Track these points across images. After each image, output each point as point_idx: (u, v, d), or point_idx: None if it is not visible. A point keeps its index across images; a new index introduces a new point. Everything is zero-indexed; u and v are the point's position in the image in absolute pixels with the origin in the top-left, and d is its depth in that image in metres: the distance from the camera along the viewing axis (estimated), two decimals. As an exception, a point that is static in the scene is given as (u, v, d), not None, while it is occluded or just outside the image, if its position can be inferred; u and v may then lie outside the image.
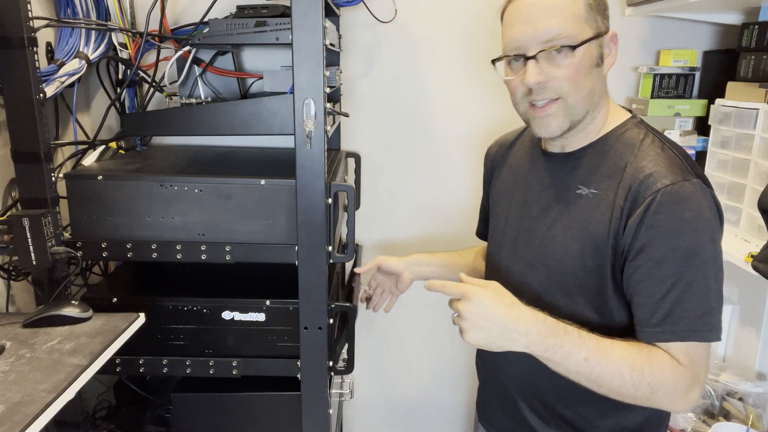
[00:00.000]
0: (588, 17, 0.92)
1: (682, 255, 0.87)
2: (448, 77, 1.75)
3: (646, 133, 0.97)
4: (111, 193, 1.22)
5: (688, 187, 0.88)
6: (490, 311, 0.89)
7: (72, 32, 1.37)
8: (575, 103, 0.94)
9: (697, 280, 0.87)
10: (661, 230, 0.88)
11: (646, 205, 0.88)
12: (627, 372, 0.87)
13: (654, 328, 0.89)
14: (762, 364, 1.47)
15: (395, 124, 1.78)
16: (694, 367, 0.88)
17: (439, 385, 2.01)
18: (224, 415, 1.33)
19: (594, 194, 0.96)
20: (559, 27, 0.90)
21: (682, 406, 0.91)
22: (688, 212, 0.87)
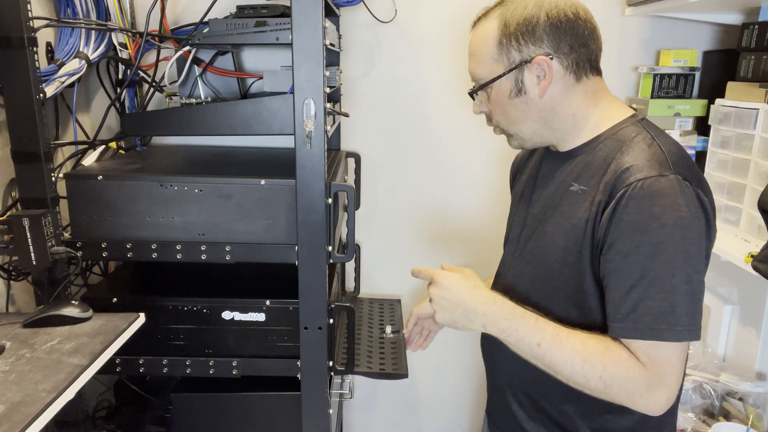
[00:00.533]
0: (498, 56, 0.97)
1: (648, 251, 0.86)
2: (448, 77, 1.75)
3: (640, 130, 0.96)
4: (111, 193, 1.22)
5: (663, 182, 0.86)
6: (453, 292, 1.00)
7: (72, 32, 1.37)
8: (509, 128, 1.03)
9: (662, 278, 0.86)
10: (629, 224, 0.87)
11: (617, 198, 0.88)
12: (578, 362, 0.90)
13: (618, 323, 0.89)
14: (762, 364, 1.47)
15: (395, 124, 1.78)
16: (656, 366, 0.87)
17: (439, 385, 2.01)
18: (224, 415, 1.33)
19: (582, 190, 0.96)
20: (474, 71, 1.02)
21: (645, 405, 0.89)
22: (657, 207, 0.85)
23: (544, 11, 0.94)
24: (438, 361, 1.99)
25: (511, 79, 0.97)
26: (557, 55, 0.95)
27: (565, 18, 0.94)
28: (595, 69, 0.99)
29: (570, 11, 0.94)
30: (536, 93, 0.97)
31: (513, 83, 0.97)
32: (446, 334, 1.94)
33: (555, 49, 0.95)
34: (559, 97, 0.98)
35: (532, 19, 0.94)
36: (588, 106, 0.99)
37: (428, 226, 1.87)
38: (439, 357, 1.98)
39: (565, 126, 1.00)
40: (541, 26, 0.94)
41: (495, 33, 0.96)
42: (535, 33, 0.94)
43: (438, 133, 1.79)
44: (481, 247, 1.87)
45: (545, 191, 1.05)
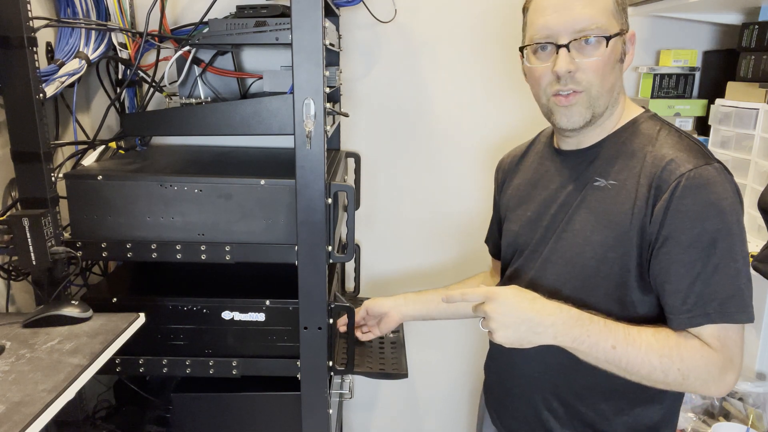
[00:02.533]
0: (616, 13, 0.95)
1: (709, 238, 0.87)
2: (448, 77, 1.75)
3: (662, 125, 0.99)
4: (111, 193, 1.22)
5: (711, 171, 0.89)
6: (515, 307, 0.91)
7: (72, 32, 1.37)
8: (598, 96, 0.96)
9: (725, 263, 0.87)
10: (688, 214, 0.88)
11: (671, 190, 0.89)
12: (656, 359, 0.89)
13: (686, 313, 0.89)
14: (762, 364, 1.47)
15: (395, 124, 1.78)
16: (727, 350, 0.88)
17: (439, 385, 2.01)
18: (224, 415, 1.33)
19: (613, 185, 0.96)
20: (592, 18, 0.92)
21: (717, 390, 0.90)
22: (713, 195, 0.87)
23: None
24: (438, 361, 1.99)
25: (621, 42, 0.97)
26: None
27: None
28: None
29: None
30: (625, 64, 0.99)
31: (621, 46, 0.97)
32: (446, 335, 1.95)
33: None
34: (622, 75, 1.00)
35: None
36: (621, 94, 1.01)
37: (428, 226, 1.87)
38: (439, 357, 1.98)
39: (609, 110, 0.99)
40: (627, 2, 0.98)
41: None
42: (626, 6, 0.98)
43: (438, 133, 1.79)
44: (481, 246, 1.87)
45: (562, 190, 1.04)
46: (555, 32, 0.94)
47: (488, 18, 1.69)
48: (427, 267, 1.90)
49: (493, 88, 1.74)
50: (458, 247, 1.89)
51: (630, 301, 0.96)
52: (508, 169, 1.22)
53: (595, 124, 0.99)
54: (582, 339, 0.90)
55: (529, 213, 1.10)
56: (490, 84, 1.73)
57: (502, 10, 1.67)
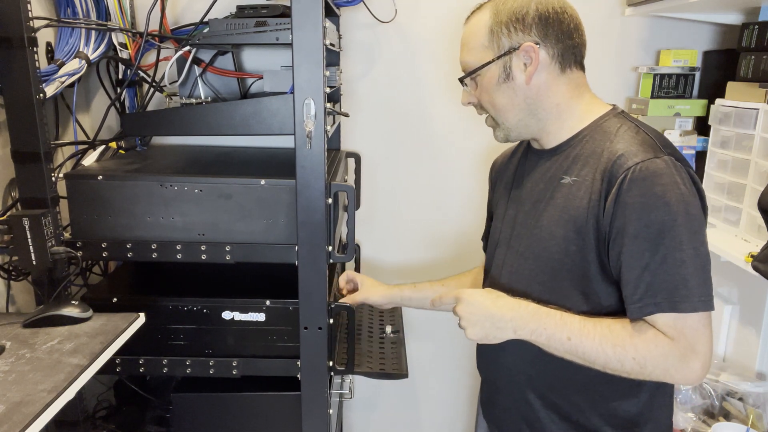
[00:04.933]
0: (489, 43, 1.02)
1: (655, 230, 0.90)
2: (448, 77, 1.74)
3: (623, 121, 1.01)
4: (111, 193, 1.22)
5: (659, 163, 0.91)
6: (479, 306, 1.01)
7: (72, 32, 1.37)
8: (497, 116, 1.06)
9: (672, 253, 0.89)
10: (634, 206, 0.90)
11: (618, 183, 0.92)
12: (609, 348, 0.93)
13: (637, 302, 0.92)
14: (762, 364, 1.47)
15: (395, 124, 1.78)
16: (684, 339, 0.90)
17: (439, 384, 2.01)
18: (224, 415, 1.33)
19: (575, 181, 1.00)
20: (465, 59, 1.07)
21: (683, 378, 0.92)
22: (658, 187, 0.90)
23: (534, 3, 1.00)
24: (438, 361, 1.99)
25: (500, 65, 1.02)
26: (544, 44, 1.00)
27: (553, 11, 1.00)
28: (578, 63, 1.05)
29: (558, 6, 1.01)
30: (523, 79, 1.01)
31: (501, 69, 1.02)
32: (446, 334, 1.95)
33: (542, 38, 1.00)
34: (544, 86, 1.02)
35: (522, 10, 1.00)
36: (572, 98, 1.04)
37: (428, 226, 1.87)
38: (438, 357, 1.98)
39: (550, 116, 1.04)
40: (530, 16, 1.00)
41: (487, 22, 1.02)
42: (524, 22, 1.00)
43: (438, 132, 1.79)
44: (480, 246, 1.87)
45: (534, 188, 1.08)
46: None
47: (488, 18, 1.69)
48: (426, 267, 1.90)
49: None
50: (458, 246, 1.89)
51: (594, 293, 0.99)
52: (499, 169, 1.26)
53: (542, 129, 1.05)
54: (539, 332, 0.97)
55: (509, 210, 1.14)
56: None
57: (502, 10, 1.67)
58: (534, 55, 1.00)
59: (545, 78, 1.02)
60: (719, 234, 1.41)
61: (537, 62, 1.00)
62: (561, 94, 1.03)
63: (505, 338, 0.99)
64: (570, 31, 1.01)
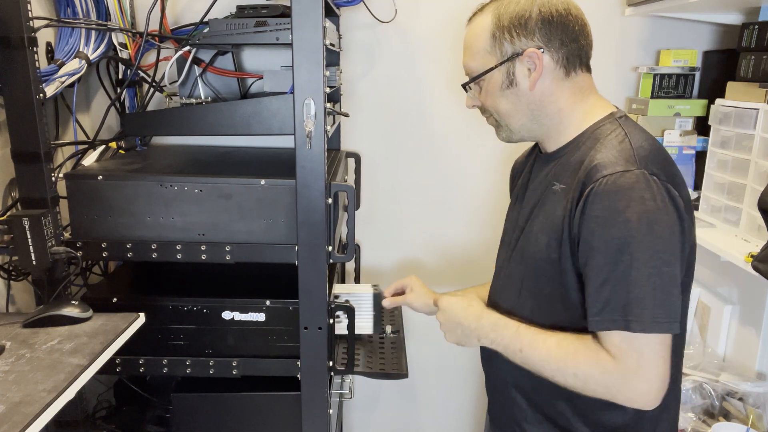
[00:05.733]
0: (491, 48, 1.00)
1: (615, 245, 0.88)
2: (448, 77, 1.75)
3: (616, 127, 0.98)
4: (111, 193, 1.22)
5: (628, 176, 0.88)
6: (452, 314, 1.09)
7: (72, 32, 1.37)
8: (501, 119, 1.05)
9: (629, 271, 0.87)
10: (597, 220, 0.89)
11: (585, 195, 0.90)
12: (553, 363, 0.94)
13: (595, 316, 0.90)
14: (762, 364, 1.47)
15: (395, 124, 1.78)
16: (629, 359, 0.88)
17: (439, 384, 2.01)
18: (224, 415, 1.33)
19: (561, 189, 0.99)
20: (467, 64, 1.05)
21: (628, 399, 0.90)
22: (621, 202, 0.87)
23: (537, 6, 0.97)
24: (438, 361, 1.99)
25: (503, 71, 1.00)
26: (548, 49, 0.98)
27: (557, 13, 0.97)
28: (584, 66, 1.02)
29: (561, 7, 0.98)
30: (526, 85, 1.00)
31: (505, 75, 1.01)
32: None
33: (546, 43, 0.98)
34: (548, 91, 1.00)
35: (525, 14, 0.97)
36: (575, 102, 1.02)
37: (428, 226, 1.87)
38: (439, 357, 1.98)
39: (552, 121, 1.02)
40: (533, 20, 0.97)
41: (489, 26, 1.00)
42: (527, 26, 0.97)
43: (438, 133, 1.79)
44: (480, 247, 1.87)
45: (534, 192, 1.08)
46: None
47: (488, 18, 1.69)
48: (427, 267, 1.90)
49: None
50: (458, 246, 1.89)
51: (572, 302, 0.97)
52: (517, 169, 1.25)
53: (542, 134, 1.05)
54: (498, 342, 1.02)
55: (513, 212, 1.15)
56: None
57: (502, 10, 1.67)
58: (538, 61, 0.97)
59: (549, 83, 1.00)
60: (719, 234, 1.41)
61: (541, 68, 0.98)
62: (564, 99, 1.01)
63: (473, 345, 1.07)
64: (575, 33, 0.98)
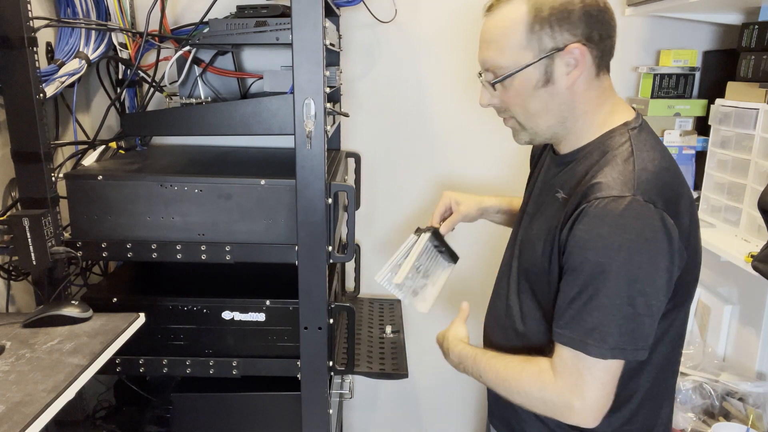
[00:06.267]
0: (527, 43, 0.91)
1: (590, 268, 0.87)
2: (448, 77, 1.75)
3: (625, 140, 0.93)
4: (111, 193, 1.22)
5: (620, 202, 0.85)
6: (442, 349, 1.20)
7: (72, 32, 1.37)
8: (526, 121, 0.99)
9: (599, 296, 0.86)
10: (579, 240, 0.88)
11: (576, 214, 0.89)
12: (501, 384, 0.99)
13: (558, 328, 0.91)
14: (762, 364, 1.47)
15: (395, 124, 1.78)
16: (569, 376, 0.89)
17: (439, 385, 2.01)
18: (224, 415, 1.33)
19: (563, 198, 0.96)
20: (492, 59, 0.96)
21: (563, 416, 0.91)
22: (605, 228, 0.85)
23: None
24: (438, 361, 1.98)
25: (539, 67, 0.92)
26: (588, 45, 0.91)
27: (598, 7, 0.92)
28: (608, 66, 0.97)
29: (601, 1, 0.93)
30: (564, 83, 0.93)
31: (542, 72, 0.93)
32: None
33: (587, 38, 0.91)
34: (580, 90, 0.95)
35: (569, 5, 0.90)
36: (598, 105, 0.97)
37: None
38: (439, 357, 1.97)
39: (576, 124, 0.97)
40: (576, 12, 0.90)
41: (525, 18, 0.91)
42: (570, 19, 0.90)
43: (438, 133, 1.79)
44: (479, 246, 1.87)
45: (539, 193, 1.07)
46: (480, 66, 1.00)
47: (488, 18, 1.69)
48: (427, 267, 1.90)
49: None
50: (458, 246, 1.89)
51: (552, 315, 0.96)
52: (535, 154, 1.21)
53: (561, 136, 1.00)
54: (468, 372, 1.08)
55: (523, 205, 1.14)
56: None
57: (502, 10, 1.67)
58: (580, 57, 0.91)
59: (582, 82, 0.94)
60: (719, 234, 1.41)
61: (583, 65, 0.92)
62: (591, 101, 0.96)
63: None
64: (611, 29, 0.94)
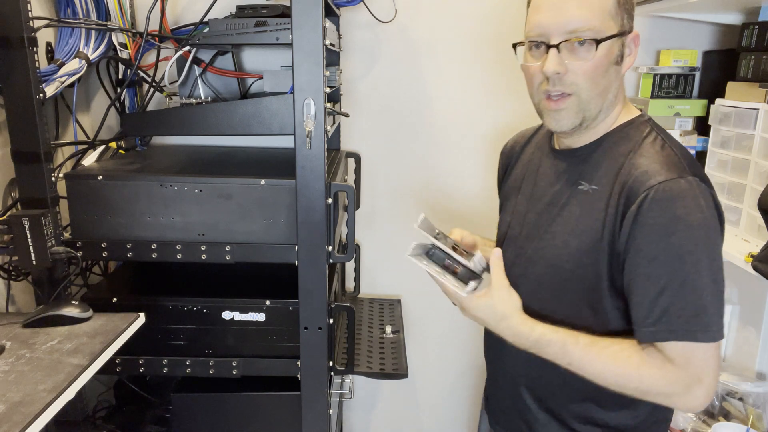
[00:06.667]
0: (615, 14, 0.91)
1: (675, 253, 0.86)
2: (448, 77, 1.75)
3: (649, 131, 0.96)
4: (111, 193, 1.22)
5: (683, 184, 0.87)
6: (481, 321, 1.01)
7: (72, 32, 1.37)
8: (588, 99, 0.93)
9: (691, 279, 0.86)
10: (654, 228, 0.87)
11: (639, 202, 0.88)
12: (611, 377, 0.91)
13: (650, 327, 0.89)
14: (762, 364, 1.47)
15: (395, 124, 1.78)
16: (693, 368, 0.88)
17: (439, 384, 2.01)
18: (224, 415, 1.33)
19: (594, 190, 0.95)
20: (586, 19, 0.89)
21: (685, 405, 0.91)
22: (681, 209, 0.86)
23: None
24: (438, 361, 1.99)
25: (619, 44, 0.93)
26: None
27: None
28: None
29: None
30: (624, 67, 0.95)
31: (619, 48, 0.93)
32: (445, 335, 1.95)
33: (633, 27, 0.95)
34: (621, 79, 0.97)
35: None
36: (618, 96, 0.98)
37: (428, 226, 1.87)
38: (439, 357, 1.98)
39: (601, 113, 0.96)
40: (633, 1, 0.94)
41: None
42: (633, 7, 0.94)
43: (438, 133, 1.79)
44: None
45: (550, 189, 1.04)
46: (547, 31, 0.91)
47: (488, 18, 1.69)
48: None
49: (492, 87, 1.74)
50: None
51: (602, 308, 0.95)
52: (512, 153, 1.20)
53: (588, 127, 0.98)
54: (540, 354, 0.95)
55: (519, 207, 1.09)
56: (490, 84, 1.73)
57: (502, 10, 1.67)
58: (635, 46, 0.95)
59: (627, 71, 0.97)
60: (719, 234, 1.41)
61: (635, 54, 0.95)
62: (617, 91, 0.97)
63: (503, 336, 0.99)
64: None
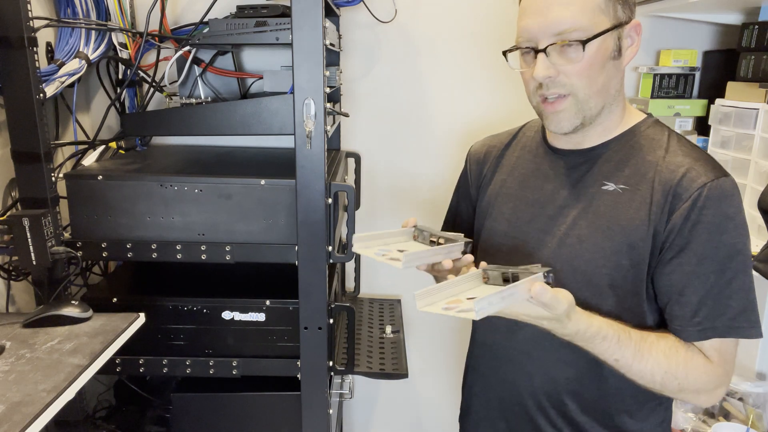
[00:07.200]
0: (605, 7, 0.88)
1: (725, 252, 0.87)
2: (448, 77, 1.75)
3: (669, 132, 0.96)
4: (111, 193, 1.22)
5: (729, 183, 0.88)
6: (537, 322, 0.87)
7: (72, 32, 1.37)
8: (587, 98, 0.91)
9: (738, 277, 0.87)
10: (707, 226, 0.86)
11: (692, 200, 0.87)
12: (659, 375, 0.89)
13: (696, 326, 0.89)
14: (762, 364, 1.47)
15: (395, 124, 1.78)
16: (725, 364, 0.89)
17: (439, 384, 2.01)
18: (224, 415, 1.33)
19: (624, 190, 0.92)
20: (571, 19, 0.86)
21: (708, 401, 0.93)
22: (731, 209, 0.87)
23: None
24: (438, 361, 1.99)
25: (614, 37, 0.89)
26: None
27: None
28: None
29: None
30: (625, 59, 0.92)
31: (615, 42, 0.90)
32: (445, 335, 1.95)
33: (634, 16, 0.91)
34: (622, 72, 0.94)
35: None
36: (621, 90, 0.96)
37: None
38: (438, 357, 1.98)
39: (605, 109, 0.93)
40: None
41: None
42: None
43: (438, 133, 1.79)
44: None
45: (560, 191, 0.99)
46: (534, 36, 0.89)
47: (488, 18, 1.69)
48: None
49: (492, 88, 1.74)
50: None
51: (641, 311, 0.94)
52: (486, 160, 1.14)
53: (595, 123, 0.94)
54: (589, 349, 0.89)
55: (520, 213, 1.03)
56: (490, 84, 1.73)
57: (502, 10, 1.67)
58: (637, 34, 0.91)
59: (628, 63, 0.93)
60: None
61: (638, 43, 0.91)
62: (620, 85, 0.94)
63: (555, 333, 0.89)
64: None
